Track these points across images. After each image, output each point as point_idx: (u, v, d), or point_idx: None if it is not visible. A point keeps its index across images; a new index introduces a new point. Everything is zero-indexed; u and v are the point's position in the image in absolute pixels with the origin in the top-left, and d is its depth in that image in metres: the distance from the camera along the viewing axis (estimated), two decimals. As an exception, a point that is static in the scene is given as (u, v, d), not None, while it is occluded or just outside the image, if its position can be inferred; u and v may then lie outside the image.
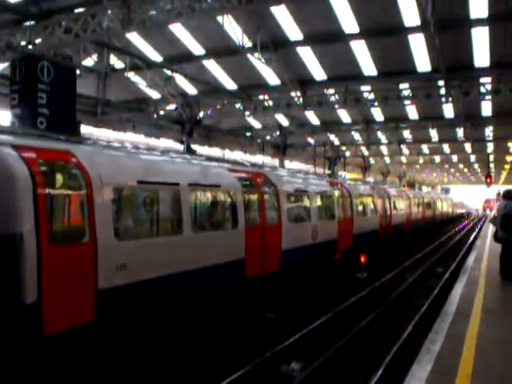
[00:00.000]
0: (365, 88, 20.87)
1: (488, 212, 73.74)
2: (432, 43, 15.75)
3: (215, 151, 32.80)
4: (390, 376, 6.89)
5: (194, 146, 23.69)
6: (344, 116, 27.72)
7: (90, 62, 18.74)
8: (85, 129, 20.41)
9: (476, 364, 5.27)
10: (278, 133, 28.85)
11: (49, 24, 12.62)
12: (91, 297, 6.36)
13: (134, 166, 8.06)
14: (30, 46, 12.99)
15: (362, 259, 17.22)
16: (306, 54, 18.30)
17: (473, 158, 46.84)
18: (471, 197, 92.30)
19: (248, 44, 16.31)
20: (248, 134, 30.99)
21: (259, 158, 31.81)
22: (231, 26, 15.58)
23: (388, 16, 15.21)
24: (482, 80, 18.70)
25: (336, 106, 21.57)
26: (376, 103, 20.81)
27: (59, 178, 6.86)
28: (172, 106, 24.13)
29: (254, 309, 10.36)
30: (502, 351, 5.80)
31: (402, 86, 19.95)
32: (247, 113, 22.85)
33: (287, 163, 32.91)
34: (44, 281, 5.69)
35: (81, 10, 13.18)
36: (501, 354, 5.71)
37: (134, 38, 17.64)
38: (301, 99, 20.92)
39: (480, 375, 4.98)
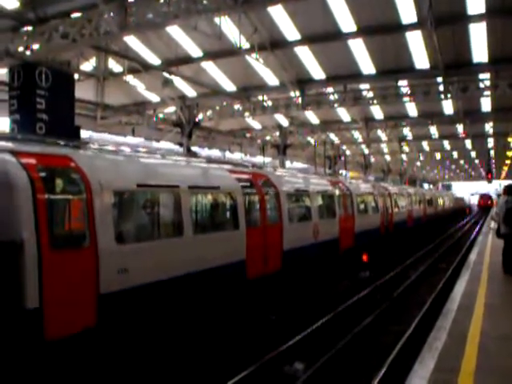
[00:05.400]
0: (364, 86, 20.86)
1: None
2: (430, 40, 15.72)
3: (215, 153, 32.81)
4: (393, 373, 6.89)
5: (194, 148, 23.77)
6: (343, 115, 27.68)
7: (88, 66, 18.76)
8: (84, 133, 20.44)
9: (479, 361, 5.25)
10: (277, 133, 28.85)
11: (46, 29, 12.64)
12: (93, 301, 6.36)
13: (133, 169, 8.07)
14: (27, 52, 13.02)
15: (364, 257, 17.20)
16: (304, 54, 18.24)
17: (473, 154, 46.76)
18: (472, 193, 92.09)
19: (246, 45, 16.29)
20: (248, 134, 30.99)
21: (260, 159, 31.78)
22: (228, 27, 15.55)
23: (385, 14, 15.19)
24: (481, 76, 18.67)
25: (335, 105, 21.56)
26: (375, 101, 20.87)
27: (59, 183, 6.87)
28: (171, 109, 24.17)
29: (256, 310, 10.34)
30: (505, 347, 5.77)
31: (401, 83, 19.93)
32: (247, 114, 22.87)
33: (288, 163, 32.87)
34: (45, 286, 5.69)
35: (77, 14, 13.20)
36: (504, 349, 5.68)
37: (131, 41, 17.64)
38: (300, 99, 20.92)
39: (483, 372, 4.96)
